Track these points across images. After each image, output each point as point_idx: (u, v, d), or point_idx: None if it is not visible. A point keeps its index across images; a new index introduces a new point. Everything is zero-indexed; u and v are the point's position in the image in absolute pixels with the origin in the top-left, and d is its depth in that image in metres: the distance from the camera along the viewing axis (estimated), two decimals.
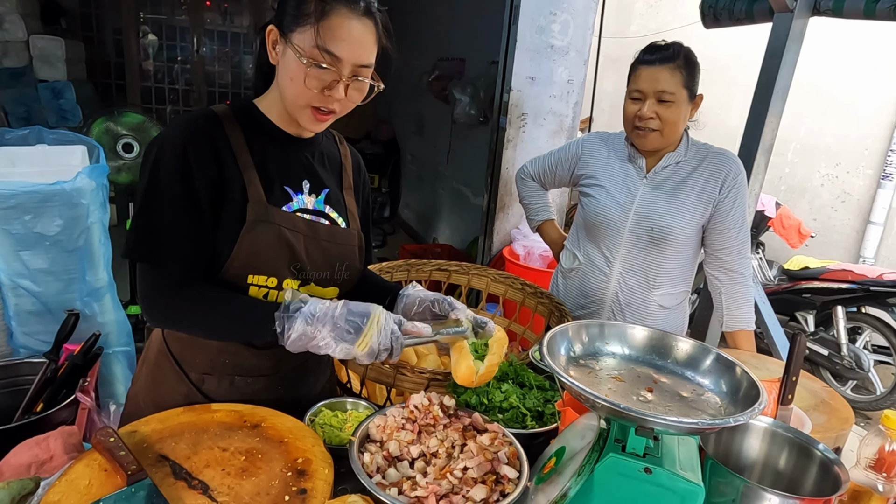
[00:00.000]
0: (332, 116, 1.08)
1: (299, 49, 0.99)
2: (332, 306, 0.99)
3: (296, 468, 0.97)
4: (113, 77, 7.78)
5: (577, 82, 3.62)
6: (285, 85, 1.04)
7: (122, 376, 1.70)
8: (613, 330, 0.99)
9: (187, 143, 1.01)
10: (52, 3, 6.08)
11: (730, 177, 1.64)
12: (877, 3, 1.94)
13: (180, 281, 1.03)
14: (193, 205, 1.02)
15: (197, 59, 8.39)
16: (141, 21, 8.01)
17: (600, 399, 0.75)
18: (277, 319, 0.97)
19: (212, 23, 8.46)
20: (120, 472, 0.90)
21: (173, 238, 1.02)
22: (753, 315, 1.70)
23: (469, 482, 0.94)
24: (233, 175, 1.05)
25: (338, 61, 1.01)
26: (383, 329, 0.98)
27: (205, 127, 1.04)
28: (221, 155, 1.04)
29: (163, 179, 1.00)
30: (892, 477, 1.03)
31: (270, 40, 1.05)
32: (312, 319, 0.96)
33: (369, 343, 0.97)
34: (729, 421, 0.74)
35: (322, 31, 0.98)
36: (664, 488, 0.82)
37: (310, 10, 0.98)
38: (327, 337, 0.96)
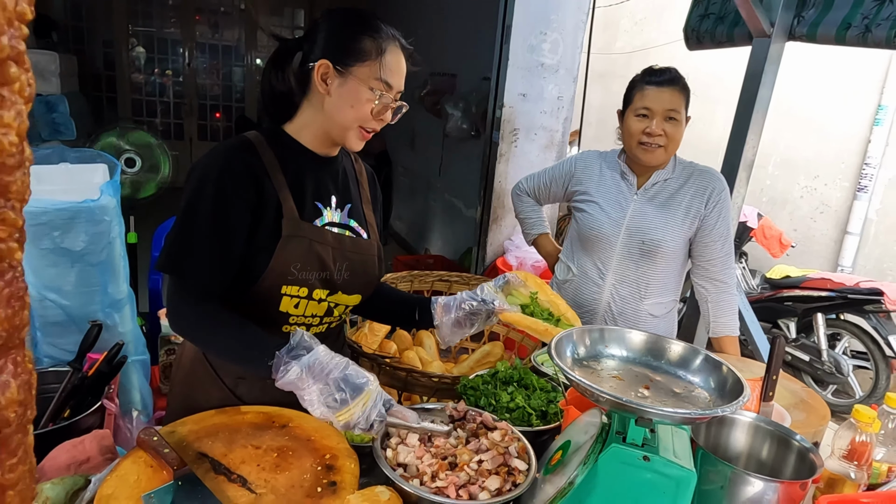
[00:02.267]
0: (371, 135, 1.22)
1: (363, 81, 1.14)
2: (331, 365, 1.00)
3: (325, 463, 1.06)
4: (104, 90, 7.82)
5: (567, 98, 3.76)
6: (344, 111, 1.16)
7: (138, 384, 1.76)
8: (613, 334, 1.10)
9: (225, 174, 1.11)
10: (43, 16, 6.14)
11: (715, 193, 1.77)
12: (847, 31, 2.09)
13: (201, 297, 1.12)
14: (224, 231, 1.12)
15: (188, 72, 8.46)
16: (131, 34, 8.07)
17: (605, 393, 0.86)
18: (276, 358, 1.01)
19: (202, 36, 8.55)
20: (166, 468, 0.98)
21: (200, 259, 1.12)
22: (738, 322, 1.81)
23: (484, 473, 1.04)
24: (269, 195, 1.15)
25: (391, 89, 1.17)
26: (371, 408, 1.00)
27: (242, 156, 1.14)
28: (259, 178, 1.14)
29: (199, 206, 1.10)
30: (862, 465, 1.14)
31: (320, 73, 1.15)
32: (307, 372, 0.99)
33: (348, 418, 0.99)
34: (717, 411, 0.84)
35: (383, 66, 1.15)
36: (661, 475, 0.92)
37: (370, 49, 1.14)
38: (314, 395, 0.99)
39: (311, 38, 1.18)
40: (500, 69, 3.62)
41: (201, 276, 1.12)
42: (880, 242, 4.69)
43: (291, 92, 1.21)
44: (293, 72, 1.19)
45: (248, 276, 1.15)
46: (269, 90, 1.24)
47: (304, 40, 1.19)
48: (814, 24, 2.20)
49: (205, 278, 1.12)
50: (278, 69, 1.21)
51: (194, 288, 1.13)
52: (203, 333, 1.14)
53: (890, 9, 1.98)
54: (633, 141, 1.76)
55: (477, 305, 1.32)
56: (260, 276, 1.15)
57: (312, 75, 1.15)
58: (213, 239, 1.11)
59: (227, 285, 1.15)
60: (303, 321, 1.25)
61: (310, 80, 1.17)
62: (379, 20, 1.19)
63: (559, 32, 3.61)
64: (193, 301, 1.12)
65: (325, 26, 1.18)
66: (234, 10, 8.67)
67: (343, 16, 1.19)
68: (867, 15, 2.03)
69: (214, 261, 1.12)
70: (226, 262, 1.14)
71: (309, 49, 1.17)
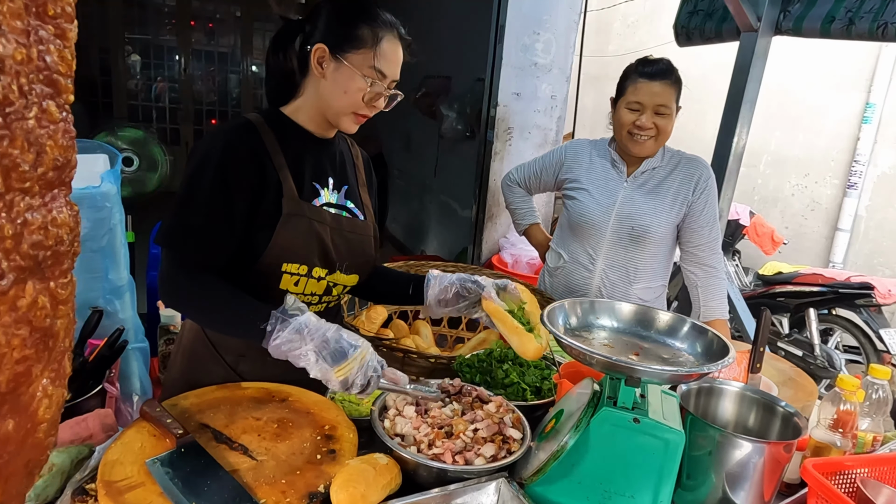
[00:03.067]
0: (365, 119, 1.25)
1: (356, 68, 1.17)
2: (326, 325, 1.04)
3: (324, 433, 1.08)
4: (100, 96, 7.84)
5: (560, 98, 3.81)
6: (337, 95, 1.19)
7: (138, 371, 1.78)
8: (603, 306, 1.13)
9: (227, 154, 1.14)
10: None
11: (702, 180, 1.81)
12: (831, 24, 2.15)
13: (197, 269, 1.14)
14: (226, 210, 1.14)
15: (184, 78, 8.49)
16: (126, 41, 8.10)
17: (596, 353, 0.89)
18: (272, 318, 1.03)
19: (198, 43, 8.58)
20: (168, 436, 1.00)
21: (200, 233, 1.13)
22: (727, 305, 1.85)
23: (479, 441, 1.07)
24: (270, 175, 1.18)
25: (385, 78, 1.20)
26: (367, 365, 1.03)
27: (244, 137, 1.17)
28: (260, 158, 1.17)
29: (202, 184, 1.12)
30: (847, 433, 1.17)
31: (317, 57, 1.18)
32: (304, 330, 1.02)
33: (346, 374, 1.01)
34: (703, 368, 0.88)
35: (378, 54, 1.18)
36: (650, 436, 0.96)
37: (366, 37, 1.17)
38: (310, 352, 1.01)
39: (312, 21, 1.21)
40: (494, 69, 3.66)
41: (200, 248, 1.14)
42: (870, 238, 4.75)
43: (293, 72, 1.24)
44: (294, 53, 1.22)
45: (250, 255, 1.18)
46: (272, 69, 1.28)
47: (306, 22, 1.23)
48: (799, 18, 2.26)
49: (204, 251, 1.14)
50: (280, 49, 1.24)
51: (191, 260, 1.14)
52: (196, 302, 1.15)
53: (872, 2, 2.03)
54: (623, 131, 1.80)
55: (471, 286, 1.34)
56: (261, 254, 1.18)
57: (310, 58, 1.19)
58: (213, 214, 1.13)
59: (224, 262, 1.17)
60: (302, 299, 1.28)
61: (308, 63, 1.20)
62: (378, 9, 1.21)
63: (552, 32, 3.66)
64: (189, 272, 1.13)
65: (326, 10, 1.21)
66: (230, 17, 8.72)
67: (343, 2, 1.22)
68: (850, 8, 2.09)
69: (214, 235, 1.14)
70: (225, 238, 1.16)
71: (309, 32, 1.21)
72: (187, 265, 1.14)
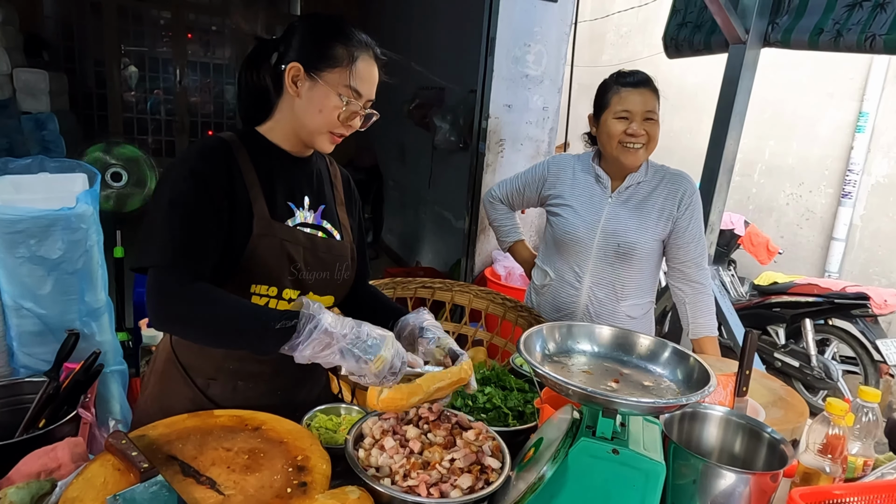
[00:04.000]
0: (341, 139, 1.23)
1: (332, 86, 1.15)
2: (349, 321, 1.02)
3: (296, 464, 1.05)
4: (95, 108, 7.84)
5: (552, 109, 3.80)
6: (312, 114, 1.17)
7: (117, 394, 1.75)
8: (583, 330, 1.10)
9: (202, 163, 1.11)
10: (35, 36, 6.17)
11: (686, 195, 1.79)
12: (819, 36, 2.13)
13: (190, 280, 1.05)
14: (208, 216, 1.10)
15: (179, 90, 8.49)
16: (122, 53, 8.11)
17: (571, 385, 0.86)
18: (302, 318, 0.98)
19: (194, 54, 8.59)
20: (133, 471, 0.97)
21: (187, 247, 1.07)
22: (716, 322, 1.82)
23: (456, 472, 1.03)
24: (241, 193, 1.15)
25: (360, 97, 1.18)
26: (397, 353, 1.02)
27: (217, 151, 1.15)
28: (232, 176, 1.14)
29: (178, 195, 1.08)
30: (837, 458, 1.14)
31: (291, 75, 1.16)
32: (332, 329, 0.98)
33: (383, 363, 1.00)
34: (681, 400, 0.85)
35: (353, 73, 1.16)
36: (630, 467, 0.93)
37: (341, 56, 1.16)
38: (344, 349, 0.98)
39: (286, 40, 1.19)
40: (486, 81, 3.65)
41: (188, 258, 1.07)
42: (865, 248, 4.73)
43: (268, 92, 1.22)
44: (269, 72, 1.20)
45: (218, 275, 1.14)
46: (244, 88, 1.25)
47: (281, 41, 1.21)
48: (787, 31, 2.25)
49: (191, 260, 1.08)
50: (254, 68, 1.22)
51: (182, 275, 1.06)
52: (199, 316, 1.05)
53: (859, 14, 2.02)
54: (614, 142, 1.76)
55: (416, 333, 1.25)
56: (229, 274, 1.15)
57: (284, 77, 1.17)
58: (195, 221, 1.09)
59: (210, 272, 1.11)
60: None
61: (282, 82, 1.18)
62: (353, 28, 1.20)
63: (543, 44, 3.65)
64: (183, 283, 1.05)
65: (301, 29, 1.19)
66: (226, 29, 8.74)
67: (318, 21, 1.20)
68: (838, 20, 2.08)
69: (199, 242, 1.09)
70: (210, 244, 1.11)
71: (284, 51, 1.19)
72: (180, 277, 1.05)
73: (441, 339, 1.21)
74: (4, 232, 1.46)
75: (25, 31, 5.76)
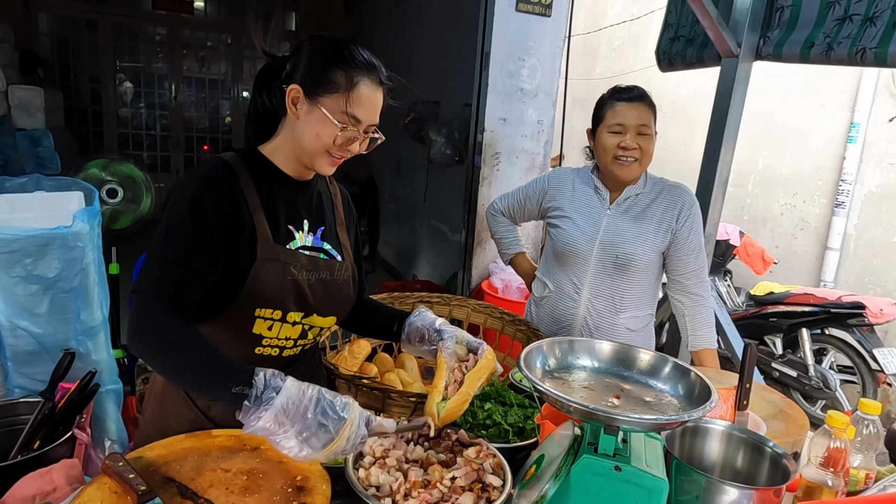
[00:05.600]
0: (342, 161, 1.22)
1: (328, 113, 1.13)
2: (305, 400, 0.94)
3: (295, 485, 1.04)
4: (90, 124, 7.84)
5: (547, 122, 3.82)
6: (309, 138, 1.16)
7: (112, 414, 1.73)
8: (583, 345, 1.10)
9: (204, 192, 1.10)
10: (30, 53, 6.19)
11: (685, 207, 1.80)
12: (811, 49, 2.16)
13: (167, 319, 1.04)
14: (202, 250, 1.09)
15: (174, 105, 8.51)
16: (118, 69, 8.13)
17: (572, 402, 0.85)
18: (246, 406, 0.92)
19: (189, 70, 8.63)
20: (130, 494, 0.96)
21: (174, 280, 1.07)
22: (715, 334, 1.82)
23: (458, 490, 1.02)
24: (245, 217, 1.14)
25: (359, 123, 1.17)
26: (354, 435, 0.96)
27: (220, 175, 1.14)
28: (236, 199, 1.14)
29: (177, 224, 1.08)
30: (839, 472, 1.13)
31: (291, 97, 1.15)
32: (283, 416, 0.92)
33: (334, 450, 0.94)
34: (683, 416, 0.84)
35: (351, 100, 1.14)
36: (632, 484, 0.92)
37: (340, 81, 1.14)
38: (291, 438, 0.92)
39: (293, 60, 1.19)
40: (481, 95, 3.68)
41: (174, 294, 1.06)
42: (860, 257, 4.75)
43: (275, 110, 1.22)
44: (277, 90, 1.20)
45: (222, 298, 1.14)
46: (253, 107, 1.25)
47: (287, 60, 1.20)
48: (779, 44, 2.27)
49: (178, 297, 1.07)
50: (264, 86, 1.22)
51: (164, 307, 1.05)
52: (167, 355, 1.03)
53: (850, 28, 2.05)
54: (609, 156, 1.78)
55: (433, 335, 1.29)
56: (234, 297, 1.14)
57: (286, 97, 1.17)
58: (189, 257, 1.08)
59: (200, 298, 1.10)
60: (276, 343, 1.24)
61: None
62: (359, 50, 1.17)
63: (537, 58, 3.68)
64: (160, 319, 1.04)
65: (306, 50, 1.18)
66: (221, 45, 8.79)
67: (321, 44, 1.18)
68: (829, 34, 2.10)
69: (191, 268, 1.08)
70: (204, 271, 1.10)
71: (290, 71, 1.18)
72: (159, 311, 1.04)
73: (458, 335, 1.26)
74: (0, 251, 1.45)
75: (21, 48, 5.78)
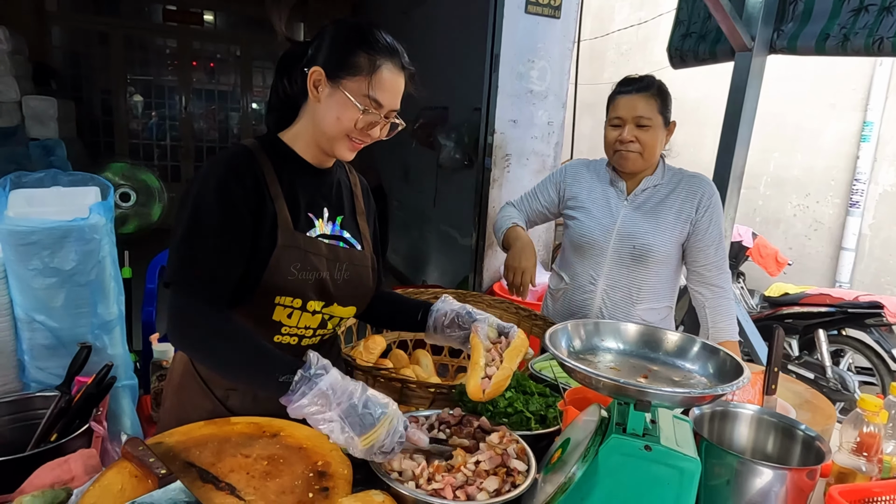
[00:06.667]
0: (362, 146, 1.21)
1: (350, 95, 1.13)
2: (353, 386, 0.99)
3: (317, 470, 1.02)
4: (102, 135, 7.93)
5: (557, 124, 3.82)
6: (330, 121, 1.15)
7: (128, 409, 1.72)
8: (608, 327, 1.08)
9: (230, 178, 1.10)
10: (43, 65, 6.27)
11: (705, 197, 1.77)
12: (826, 41, 2.14)
13: (211, 304, 1.07)
14: (232, 236, 1.09)
15: (184, 116, 8.60)
16: (128, 81, 8.23)
17: (603, 377, 0.83)
18: (298, 378, 0.97)
19: (199, 82, 8.72)
20: (151, 477, 0.94)
21: (209, 268, 1.07)
22: (736, 326, 1.79)
23: (482, 474, 1.00)
24: (267, 204, 1.14)
25: (381, 107, 1.16)
26: (394, 431, 0.98)
27: (244, 162, 1.14)
28: (259, 185, 1.13)
29: (205, 213, 1.08)
30: (872, 457, 1.10)
31: (313, 80, 1.15)
32: (330, 394, 0.96)
33: (374, 441, 0.96)
34: (717, 390, 0.82)
35: (373, 83, 1.13)
36: (664, 464, 0.89)
37: (363, 64, 1.13)
38: (335, 419, 0.95)
39: (314, 44, 1.19)
40: (490, 97, 3.68)
41: (211, 278, 1.07)
42: (876, 257, 4.70)
43: (296, 96, 1.22)
44: (297, 76, 1.19)
45: (245, 285, 1.13)
46: (275, 92, 1.25)
47: (309, 45, 1.20)
48: (793, 37, 2.26)
49: (215, 280, 1.08)
50: (285, 72, 1.22)
51: (203, 294, 1.07)
52: (212, 345, 1.06)
53: (866, 18, 2.03)
54: (610, 150, 1.81)
55: (466, 317, 1.30)
56: (255, 284, 1.13)
57: (307, 81, 1.16)
58: (221, 239, 1.08)
59: (233, 289, 1.11)
60: (296, 332, 1.23)
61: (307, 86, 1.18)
62: (382, 35, 1.17)
63: (546, 60, 3.69)
64: (202, 310, 1.05)
65: (329, 34, 1.18)
66: (231, 57, 8.89)
67: (345, 28, 1.18)
68: (844, 25, 2.09)
69: (224, 261, 1.08)
70: (236, 261, 1.10)
71: (312, 55, 1.18)
72: (201, 304, 1.06)
73: (489, 318, 1.27)
74: (17, 244, 1.45)
75: (34, 60, 5.85)
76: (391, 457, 1.00)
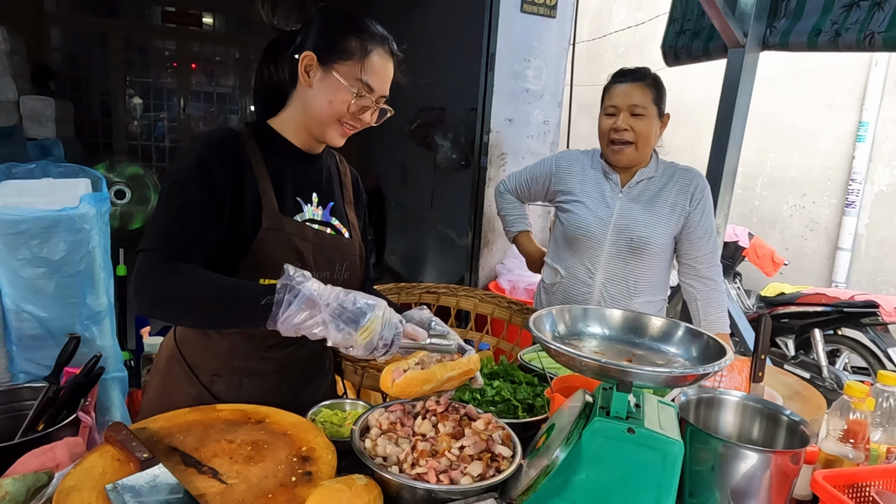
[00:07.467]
0: (353, 132, 1.21)
1: (342, 79, 1.14)
2: (335, 288, 0.97)
3: (301, 455, 1.02)
4: (100, 135, 7.93)
5: (553, 123, 3.82)
6: (322, 105, 1.16)
7: (118, 402, 1.72)
8: (593, 313, 1.08)
9: (211, 151, 1.10)
10: (42, 66, 6.28)
11: (698, 190, 1.78)
12: (818, 37, 2.15)
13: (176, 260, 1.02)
14: (207, 201, 1.08)
15: (183, 118, 8.60)
16: (128, 84, 8.23)
17: (585, 356, 0.83)
18: (280, 289, 0.93)
19: (198, 84, 8.73)
20: (133, 460, 0.94)
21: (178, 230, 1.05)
22: (728, 318, 1.79)
23: (466, 459, 1.00)
24: (250, 185, 1.14)
25: (372, 92, 1.17)
26: (388, 323, 0.97)
27: (227, 141, 1.14)
28: (241, 166, 1.13)
29: (179, 182, 1.08)
30: (859, 444, 1.10)
31: (304, 65, 1.15)
32: (317, 298, 0.93)
33: (370, 335, 0.95)
34: (699, 369, 0.82)
35: (365, 67, 1.15)
36: (646, 447, 0.89)
37: (354, 49, 1.15)
38: (327, 320, 0.93)
39: (304, 30, 1.19)
40: (486, 96, 3.69)
41: (179, 244, 1.05)
42: (872, 257, 4.70)
43: (284, 83, 1.22)
44: (286, 63, 1.20)
45: (225, 267, 1.13)
46: (260, 80, 1.25)
47: (298, 33, 1.20)
48: (786, 33, 2.27)
49: (186, 248, 1.05)
50: (272, 60, 1.22)
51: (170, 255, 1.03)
52: (179, 294, 1.00)
53: (857, 13, 2.03)
54: (605, 141, 1.80)
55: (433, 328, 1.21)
56: (236, 267, 1.13)
57: (298, 66, 1.16)
58: (193, 208, 1.07)
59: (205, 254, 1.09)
60: None
61: (297, 72, 1.18)
62: (370, 21, 1.18)
63: (542, 59, 3.70)
64: (167, 265, 1.01)
65: (318, 20, 1.18)
66: (230, 59, 8.90)
67: (335, 12, 1.19)
68: (836, 21, 2.09)
69: (194, 223, 1.07)
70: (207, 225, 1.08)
71: (301, 41, 1.18)
72: (165, 259, 1.02)
73: (449, 334, 1.18)
74: (6, 233, 1.45)
75: (33, 61, 5.86)
76: (394, 351, 0.98)
